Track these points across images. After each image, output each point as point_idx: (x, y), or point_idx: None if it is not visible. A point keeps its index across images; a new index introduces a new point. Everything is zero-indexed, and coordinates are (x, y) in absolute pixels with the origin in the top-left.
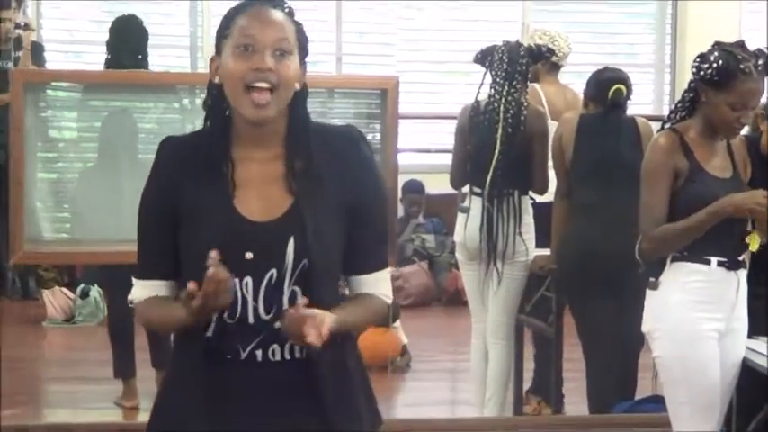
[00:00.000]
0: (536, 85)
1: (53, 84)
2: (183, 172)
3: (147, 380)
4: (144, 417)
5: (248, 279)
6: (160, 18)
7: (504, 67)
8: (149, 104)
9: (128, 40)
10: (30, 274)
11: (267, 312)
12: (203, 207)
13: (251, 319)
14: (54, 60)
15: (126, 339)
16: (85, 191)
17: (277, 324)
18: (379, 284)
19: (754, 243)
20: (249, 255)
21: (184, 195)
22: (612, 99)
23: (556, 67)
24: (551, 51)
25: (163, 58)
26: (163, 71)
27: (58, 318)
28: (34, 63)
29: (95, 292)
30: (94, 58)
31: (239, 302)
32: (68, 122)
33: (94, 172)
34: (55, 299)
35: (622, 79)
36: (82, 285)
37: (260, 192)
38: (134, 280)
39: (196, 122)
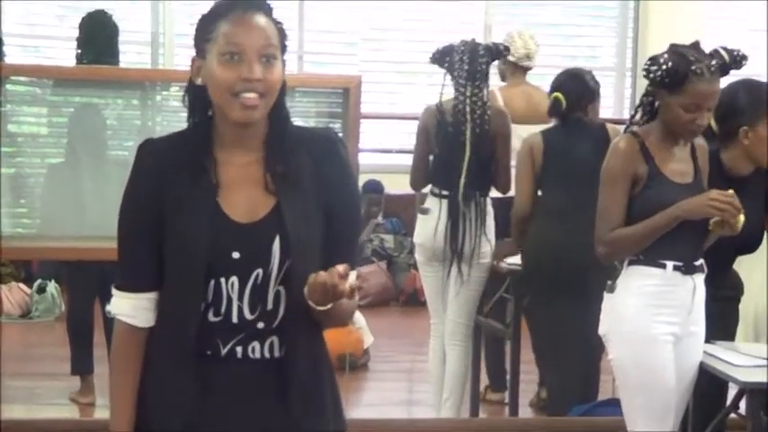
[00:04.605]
0: (494, 89)
1: (12, 78)
2: (165, 174)
3: (104, 376)
4: (100, 413)
5: (234, 279)
6: (121, 14)
7: (465, 67)
8: (109, 101)
9: (99, 36)
10: None
11: (252, 312)
12: (188, 208)
13: (235, 319)
14: (12, 54)
15: (84, 336)
16: (52, 187)
17: (260, 324)
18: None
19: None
20: (236, 255)
21: (168, 197)
22: (551, 110)
23: (520, 69)
24: (507, 49)
25: (123, 54)
26: (125, 67)
27: (14, 313)
28: None
29: (52, 287)
30: (54, 53)
31: (224, 302)
32: (27, 117)
33: (62, 168)
34: (11, 294)
35: (559, 85)
36: (39, 281)
37: (243, 193)
38: (115, 291)
39: (157, 118)
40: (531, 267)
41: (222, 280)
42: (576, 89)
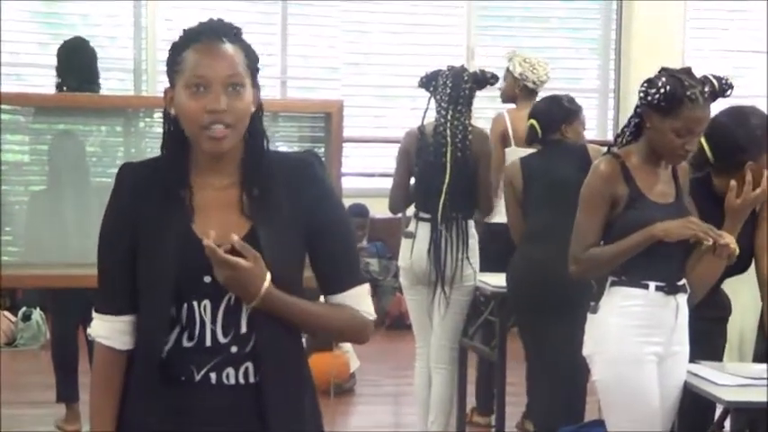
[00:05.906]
0: (504, 111)
1: None
2: (141, 198)
3: None
4: None
5: (207, 302)
6: (104, 41)
7: (448, 91)
8: (92, 128)
9: (77, 63)
10: None
11: (225, 336)
12: (162, 232)
13: (208, 342)
14: None
15: (69, 363)
16: (35, 214)
17: (234, 348)
18: (356, 300)
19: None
20: (207, 278)
21: (143, 221)
22: (527, 137)
23: (533, 93)
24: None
25: (106, 81)
26: (108, 94)
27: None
28: None
29: (37, 315)
30: (38, 81)
31: (197, 325)
32: (11, 145)
33: (45, 195)
34: None
35: (533, 113)
36: (24, 309)
37: (218, 217)
38: (94, 314)
39: (140, 145)
40: (515, 289)
41: (195, 303)
42: (548, 112)
